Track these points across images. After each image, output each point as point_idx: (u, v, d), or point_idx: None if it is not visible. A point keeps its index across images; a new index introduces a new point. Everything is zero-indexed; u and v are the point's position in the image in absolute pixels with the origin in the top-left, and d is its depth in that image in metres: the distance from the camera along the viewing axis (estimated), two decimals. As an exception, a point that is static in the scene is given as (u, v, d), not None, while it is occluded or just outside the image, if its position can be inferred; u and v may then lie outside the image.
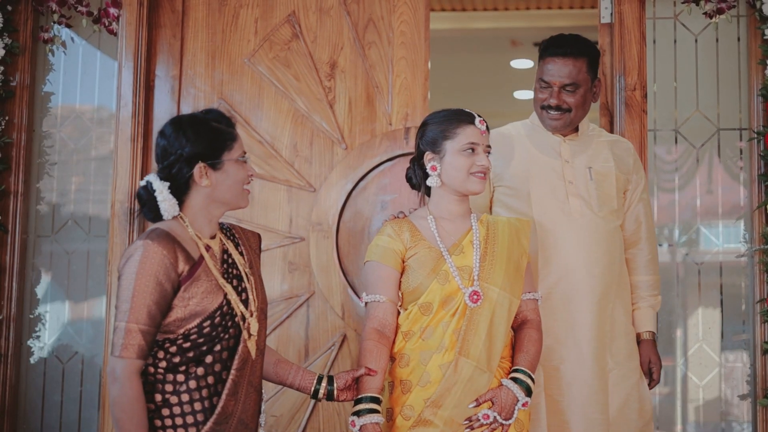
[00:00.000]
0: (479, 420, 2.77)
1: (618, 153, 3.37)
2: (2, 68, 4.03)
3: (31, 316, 4.15)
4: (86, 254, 4.21)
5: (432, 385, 2.78)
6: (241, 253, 2.71)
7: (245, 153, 2.64)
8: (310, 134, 4.04)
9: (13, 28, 4.06)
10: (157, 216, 2.56)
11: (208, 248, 2.59)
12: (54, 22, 4.16)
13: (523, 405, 2.81)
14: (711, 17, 3.89)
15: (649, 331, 3.36)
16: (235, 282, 2.61)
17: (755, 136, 3.78)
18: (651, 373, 3.36)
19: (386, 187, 3.97)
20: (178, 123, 2.59)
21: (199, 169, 2.54)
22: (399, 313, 2.91)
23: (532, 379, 2.86)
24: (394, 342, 2.89)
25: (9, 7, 4.03)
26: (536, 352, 2.92)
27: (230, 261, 2.65)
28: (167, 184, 2.55)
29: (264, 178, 4.01)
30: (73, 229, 4.21)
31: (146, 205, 2.57)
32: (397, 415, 2.81)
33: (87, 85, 4.27)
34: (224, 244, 2.67)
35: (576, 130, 3.37)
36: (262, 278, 2.77)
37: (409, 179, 3.02)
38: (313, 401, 3.90)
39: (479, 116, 2.93)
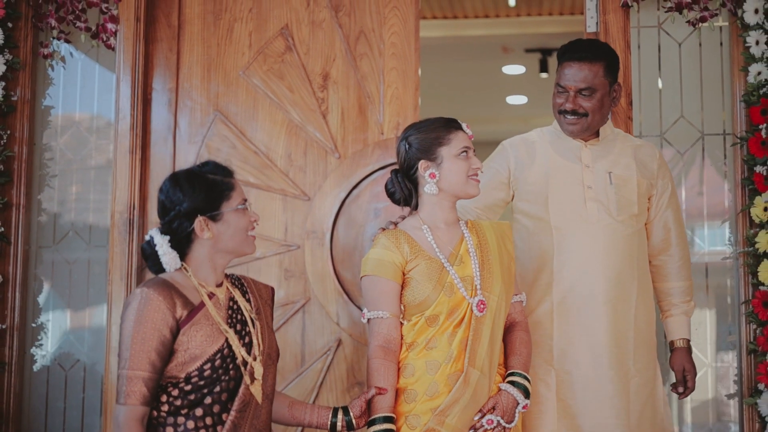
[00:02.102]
0: (483, 426, 2.81)
1: (641, 158, 3.37)
2: (3, 84, 4.09)
3: (34, 325, 4.22)
4: (87, 264, 4.28)
5: (440, 395, 2.80)
6: (248, 300, 2.73)
7: (245, 200, 2.67)
8: (304, 144, 4.13)
9: (13, 44, 4.13)
10: (160, 269, 2.62)
11: (211, 296, 2.62)
12: (53, 38, 4.23)
13: (524, 408, 2.87)
14: (694, 25, 3.96)
15: (683, 339, 3.38)
16: (239, 326, 2.63)
17: (738, 141, 3.85)
18: (685, 382, 3.37)
19: (379, 195, 4.05)
20: (175, 179, 2.63)
21: (199, 222, 2.59)
22: (402, 325, 2.91)
23: (528, 381, 2.91)
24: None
25: (9, 24, 4.10)
26: (528, 353, 2.97)
27: (236, 307, 2.67)
28: (167, 237, 2.59)
29: (260, 188, 4.10)
30: (73, 239, 4.28)
31: (149, 258, 2.62)
32: (402, 425, 2.81)
33: (86, 97, 4.34)
34: (231, 292, 2.70)
35: (597, 135, 3.38)
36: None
37: (392, 194, 3.00)
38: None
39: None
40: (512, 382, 2.89)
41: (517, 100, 8.54)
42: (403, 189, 2.97)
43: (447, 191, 2.93)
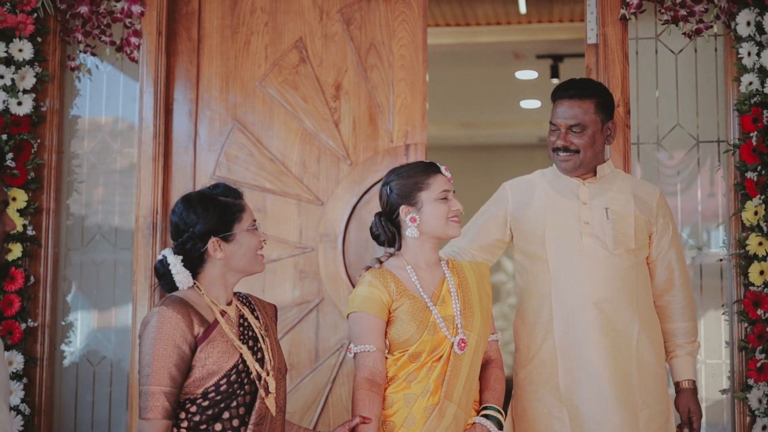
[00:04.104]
0: None
1: (640, 196, 3.39)
2: (34, 95, 4.24)
3: (63, 323, 4.39)
4: (113, 265, 4.45)
5: (417, 427, 2.89)
6: (257, 318, 2.81)
7: (255, 221, 2.77)
8: (318, 152, 4.34)
9: (42, 57, 4.30)
10: (173, 288, 2.70)
11: (223, 313, 2.70)
12: (80, 51, 4.40)
13: None
14: (690, 37, 4.10)
15: (689, 380, 3.37)
16: (251, 342, 2.70)
17: (731, 148, 4.00)
18: (690, 423, 3.36)
19: (388, 200, 4.24)
20: (188, 201, 2.71)
21: (212, 243, 2.67)
22: (386, 359, 2.98)
23: (502, 414, 3.00)
24: None
25: (39, 39, 4.28)
26: (502, 389, 3.06)
27: (246, 324, 2.74)
28: (180, 257, 2.68)
29: (276, 193, 4.31)
30: (100, 242, 4.45)
31: (163, 277, 2.70)
32: None
33: (111, 105, 4.52)
34: (240, 310, 2.77)
35: (595, 173, 3.39)
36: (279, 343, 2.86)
37: (376, 236, 3.10)
38: (323, 399, 4.21)
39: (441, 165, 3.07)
40: (486, 416, 2.97)
41: (530, 104, 8.65)
42: (387, 232, 3.07)
43: (428, 234, 3.02)
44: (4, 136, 4.20)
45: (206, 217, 2.68)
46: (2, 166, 2.36)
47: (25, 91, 4.26)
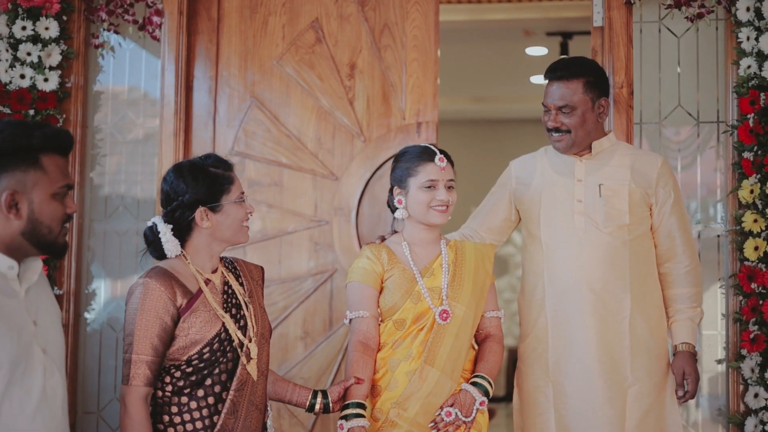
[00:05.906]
0: (443, 418, 3.03)
1: (639, 168, 3.39)
2: (59, 72, 4.39)
3: (87, 291, 4.55)
4: (135, 235, 4.59)
5: (398, 389, 3.04)
6: (241, 284, 2.86)
7: (243, 193, 2.82)
8: (333, 129, 4.50)
9: (68, 35, 4.45)
10: (161, 255, 2.76)
11: (207, 282, 2.75)
12: (104, 30, 4.55)
13: (480, 404, 3.09)
14: (692, 21, 4.24)
15: (685, 343, 3.38)
16: (234, 310, 2.77)
17: (729, 129, 4.15)
18: (685, 386, 3.36)
19: (400, 176, 4.41)
20: (179, 170, 2.77)
21: (199, 213, 2.73)
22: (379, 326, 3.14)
23: (491, 384, 3.11)
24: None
25: (64, 17, 4.43)
26: (495, 361, 3.16)
27: (230, 291, 2.80)
28: (170, 226, 2.74)
29: (292, 168, 4.48)
30: (123, 213, 4.61)
31: (152, 244, 2.77)
32: (369, 418, 3.03)
33: (133, 81, 4.66)
34: (225, 277, 2.82)
35: (590, 149, 3.42)
36: (265, 307, 2.95)
37: (389, 205, 3.27)
38: (336, 366, 4.39)
39: (441, 153, 3.15)
40: (474, 383, 3.09)
41: (540, 80, 8.73)
42: (391, 204, 3.25)
43: (413, 217, 3.18)
44: (31, 112, 4.35)
45: (195, 187, 2.73)
46: (69, 151, 2.45)
47: (51, 68, 4.40)
